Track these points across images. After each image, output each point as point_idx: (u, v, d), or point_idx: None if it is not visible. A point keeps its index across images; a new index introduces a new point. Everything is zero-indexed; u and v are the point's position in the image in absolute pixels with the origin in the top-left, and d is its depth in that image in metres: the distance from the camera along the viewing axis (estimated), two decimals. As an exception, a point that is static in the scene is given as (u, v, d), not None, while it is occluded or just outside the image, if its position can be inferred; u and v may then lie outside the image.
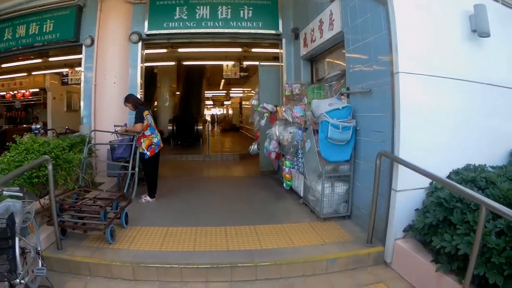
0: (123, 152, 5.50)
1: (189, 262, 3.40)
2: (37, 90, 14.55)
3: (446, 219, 2.81)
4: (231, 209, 5.24)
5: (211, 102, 34.84)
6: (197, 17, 7.45)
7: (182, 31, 7.47)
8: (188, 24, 7.42)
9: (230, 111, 32.19)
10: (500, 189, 2.74)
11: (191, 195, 6.07)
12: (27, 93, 14.76)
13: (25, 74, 13.79)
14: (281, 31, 7.55)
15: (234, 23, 7.44)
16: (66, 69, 12.21)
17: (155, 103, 16.65)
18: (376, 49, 3.90)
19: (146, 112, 5.52)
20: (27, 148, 4.05)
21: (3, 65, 10.15)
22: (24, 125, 13.97)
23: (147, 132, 5.49)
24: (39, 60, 10.28)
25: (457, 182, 2.98)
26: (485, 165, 3.50)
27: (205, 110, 26.42)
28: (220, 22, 7.44)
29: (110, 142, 5.80)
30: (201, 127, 13.92)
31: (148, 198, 5.62)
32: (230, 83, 19.93)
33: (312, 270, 3.44)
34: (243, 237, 4.04)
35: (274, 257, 3.50)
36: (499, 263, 2.27)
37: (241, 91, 23.33)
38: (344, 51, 4.80)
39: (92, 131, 5.92)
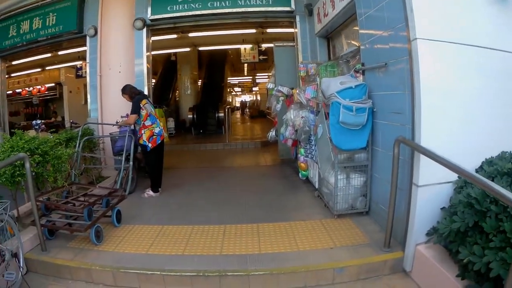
0: (123, 145, 5.20)
1: (173, 268, 3.02)
2: (53, 84, 14.31)
3: (477, 224, 2.15)
4: (237, 203, 4.76)
5: (239, 89, 34.51)
6: (203, -3, 6.97)
7: (187, 14, 7.01)
8: (193, 6, 6.95)
9: (259, 97, 31.53)
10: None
11: (199, 188, 5.67)
12: (43, 89, 14.51)
13: (39, 69, 13.68)
14: (294, 8, 6.95)
15: (242, 1, 6.90)
16: (80, 62, 11.96)
17: (177, 92, 16.39)
18: (390, 14, 3.23)
19: (144, 102, 5.15)
20: (12, 145, 3.77)
21: (15, 62, 10.06)
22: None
23: (147, 122, 5.13)
24: (49, 55, 10.00)
25: (491, 175, 2.32)
26: (523, 152, 2.76)
27: (232, 97, 25.78)
28: (227, 2, 6.92)
29: (110, 134, 5.64)
30: (222, 115, 13.37)
31: (151, 192, 5.27)
32: (256, 68, 19.30)
33: (315, 280, 2.91)
34: (242, 238, 3.58)
35: (272, 265, 3.00)
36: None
37: (266, 76, 22.64)
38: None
39: (85, 124, 5.72)
